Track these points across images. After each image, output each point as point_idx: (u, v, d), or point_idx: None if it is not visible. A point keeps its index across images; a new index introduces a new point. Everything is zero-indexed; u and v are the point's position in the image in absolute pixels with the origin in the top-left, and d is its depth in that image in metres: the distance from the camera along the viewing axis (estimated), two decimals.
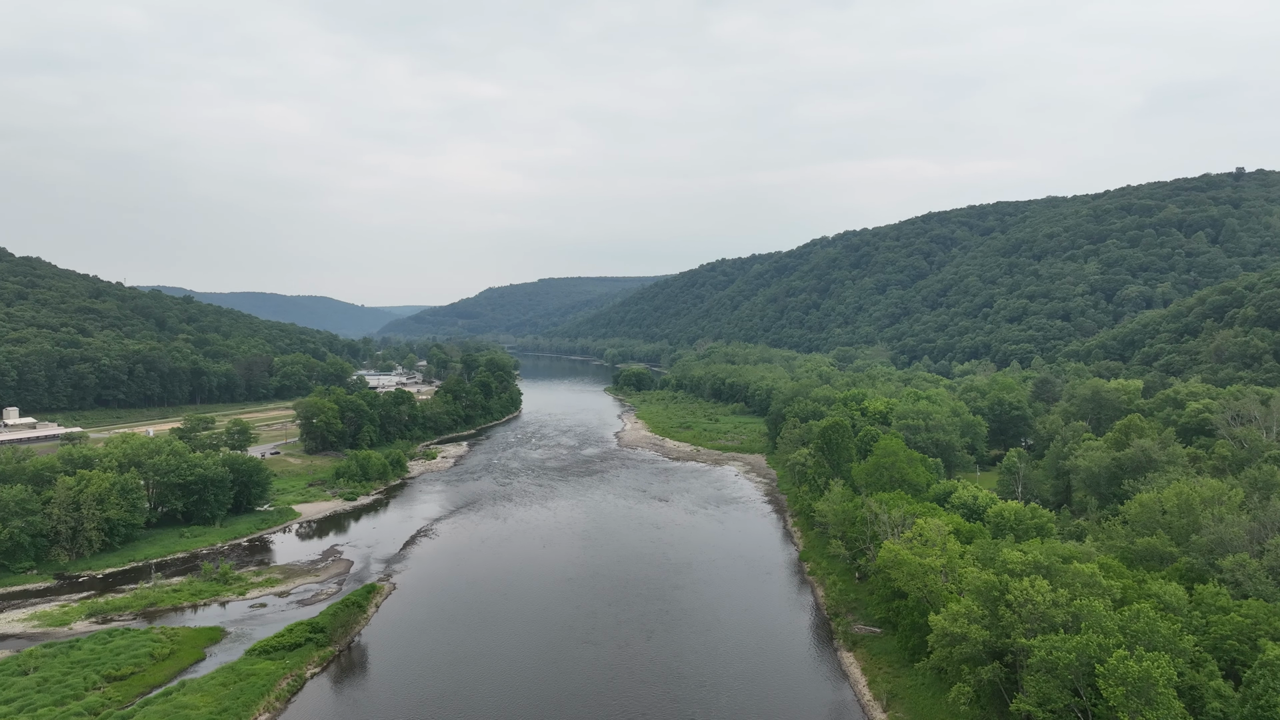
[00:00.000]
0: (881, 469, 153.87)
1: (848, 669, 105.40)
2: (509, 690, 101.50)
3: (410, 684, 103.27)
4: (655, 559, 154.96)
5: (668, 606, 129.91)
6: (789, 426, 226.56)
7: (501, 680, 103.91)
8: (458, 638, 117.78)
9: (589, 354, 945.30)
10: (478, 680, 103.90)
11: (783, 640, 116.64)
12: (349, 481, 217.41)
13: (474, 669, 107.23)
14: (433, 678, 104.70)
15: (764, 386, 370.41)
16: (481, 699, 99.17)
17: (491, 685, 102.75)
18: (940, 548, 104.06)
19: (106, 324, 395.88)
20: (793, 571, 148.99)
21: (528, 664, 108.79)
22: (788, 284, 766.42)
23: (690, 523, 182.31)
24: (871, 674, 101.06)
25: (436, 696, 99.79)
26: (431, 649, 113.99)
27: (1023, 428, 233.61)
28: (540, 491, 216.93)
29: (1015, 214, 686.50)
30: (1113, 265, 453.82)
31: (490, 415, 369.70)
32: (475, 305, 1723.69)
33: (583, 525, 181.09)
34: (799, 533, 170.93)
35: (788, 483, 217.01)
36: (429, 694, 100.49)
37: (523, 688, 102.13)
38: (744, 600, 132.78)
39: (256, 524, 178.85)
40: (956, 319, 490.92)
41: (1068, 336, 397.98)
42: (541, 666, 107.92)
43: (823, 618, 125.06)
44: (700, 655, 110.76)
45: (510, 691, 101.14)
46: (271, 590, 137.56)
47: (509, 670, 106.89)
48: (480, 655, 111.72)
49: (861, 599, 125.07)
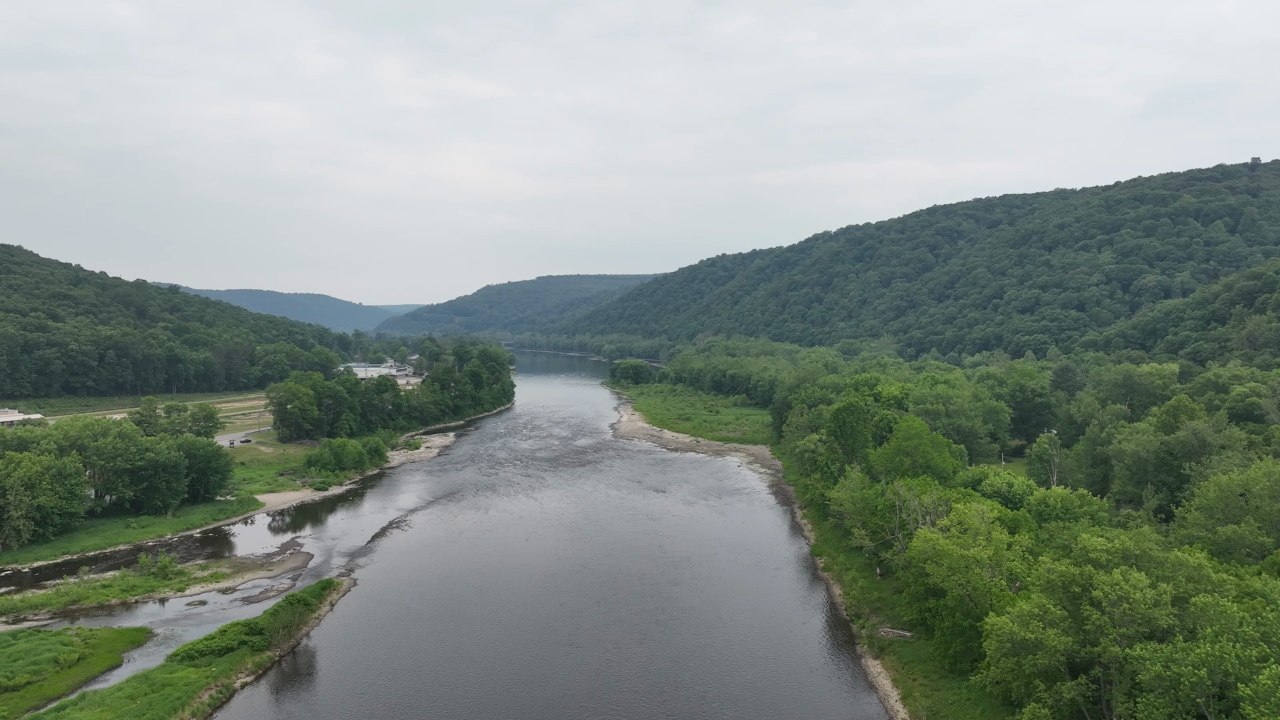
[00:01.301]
0: (903, 454, 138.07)
1: (875, 679, 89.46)
2: (474, 701, 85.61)
3: (359, 693, 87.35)
4: (650, 552, 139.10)
5: (664, 605, 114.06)
6: (795, 413, 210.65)
7: (466, 689, 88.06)
8: (421, 640, 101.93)
9: (587, 350, 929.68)
10: (439, 689, 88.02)
11: (796, 644, 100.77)
12: (321, 470, 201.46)
13: (436, 676, 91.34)
14: (386, 686, 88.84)
15: (767, 378, 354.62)
16: (440, 711, 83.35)
17: (454, 695, 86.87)
18: (985, 537, 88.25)
19: (81, 311, 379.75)
20: (804, 567, 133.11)
21: (499, 670, 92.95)
22: (790, 278, 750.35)
23: (689, 514, 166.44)
24: (905, 686, 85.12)
25: (388, 708, 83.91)
26: (389, 653, 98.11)
27: (1046, 416, 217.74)
28: (527, 482, 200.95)
29: (1023, 206, 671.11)
30: (1128, 255, 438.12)
31: (481, 406, 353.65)
32: (473, 303, 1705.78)
33: (571, 516, 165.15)
34: (809, 525, 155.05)
35: (794, 473, 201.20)
36: (379, 705, 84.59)
37: (490, 698, 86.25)
38: (750, 598, 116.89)
39: (214, 514, 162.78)
40: (965, 311, 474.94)
41: (1083, 327, 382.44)
42: (515, 673, 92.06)
43: (841, 619, 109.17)
44: (701, 661, 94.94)
45: (475, 703, 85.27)
46: (215, 586, 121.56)
47: (477, 677, 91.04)
48: (445, 660, 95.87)
49: (886, 598, 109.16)
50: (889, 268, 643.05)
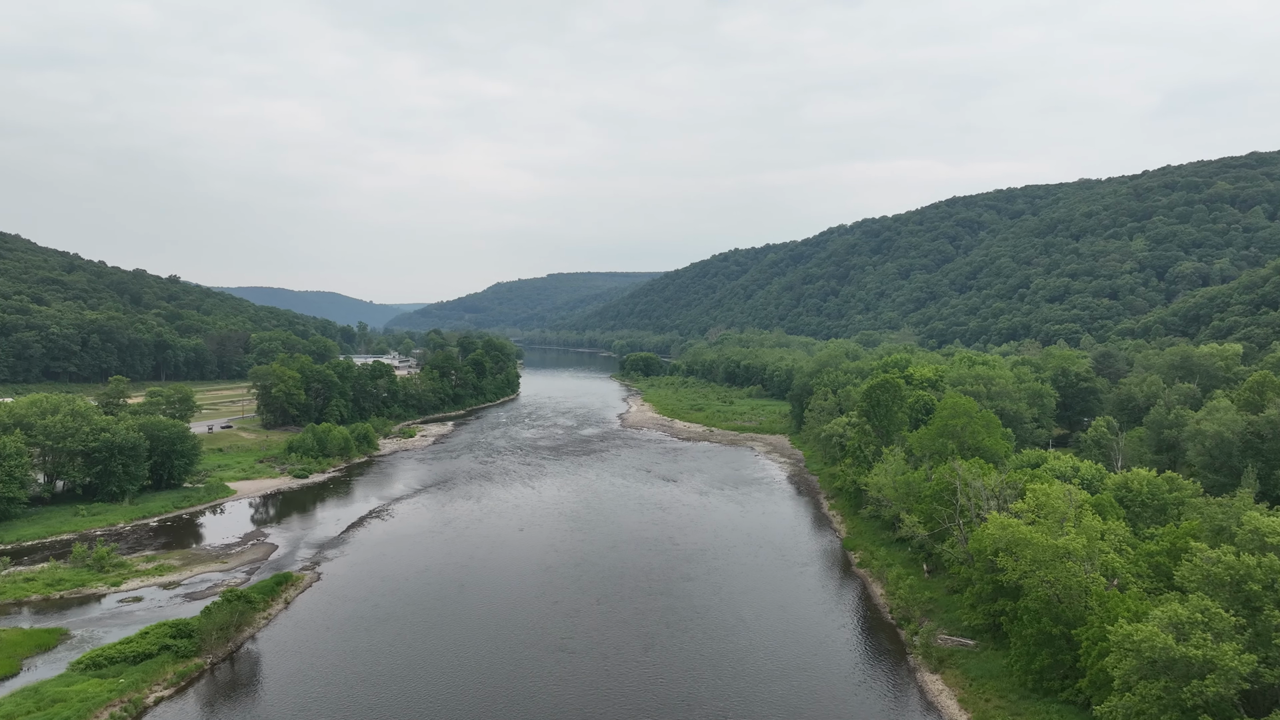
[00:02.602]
0: (947, 435, 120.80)
1: (935, 698, 72.47)
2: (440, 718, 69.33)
3: (299, 709, 71.06)
4: (659, 545, 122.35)
5: (674, 604, 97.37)
6: (818, 397, 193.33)
7: (432, 704, 71.63)
8: (386, 643, 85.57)
9: (597, 346, 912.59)
10: (398, 703, 71.63)
11: (833, 652, 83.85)
12: (302, 457, 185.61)
13: (397, 686, 74.95)
14: (335, 699, 72.50)
15: (783, 367, 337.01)
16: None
17: (416, 711, 70.46)
18: (1074, 523, 71.11)
19: (71, 296, 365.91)
20: (835, 562, 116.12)
21: (475, 680, 76.49)
22: (804, 271, 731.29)
23: (703, 504, 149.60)
24: (976, 708, 68.12)
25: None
26: (345, 658, 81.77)
27: (1091, 402, 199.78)
28: (526, 470, 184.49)
29: (1045, 197, 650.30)
30: (1161, 242, 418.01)
31: (483, 396, 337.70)
32: (482, 300, 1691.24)
33: (571, 506, 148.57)
34: (839, 517, 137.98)
35: (818, 462, 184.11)
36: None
37: (460, 716, 69.94)
38: (775, 597, 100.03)
39: (176, 501, 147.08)
40: (989, 301, 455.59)
41: (1117, 315, 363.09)
42: (494, 684, 75.61)
43: (884, 622, 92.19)
44: (719, 671, 78.21)
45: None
46: (157, 580, 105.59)
47: (446, 689, 74.59)
48: (411, 667, 79.45)
49: (939, 599, 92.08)
50: (907, 259, 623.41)
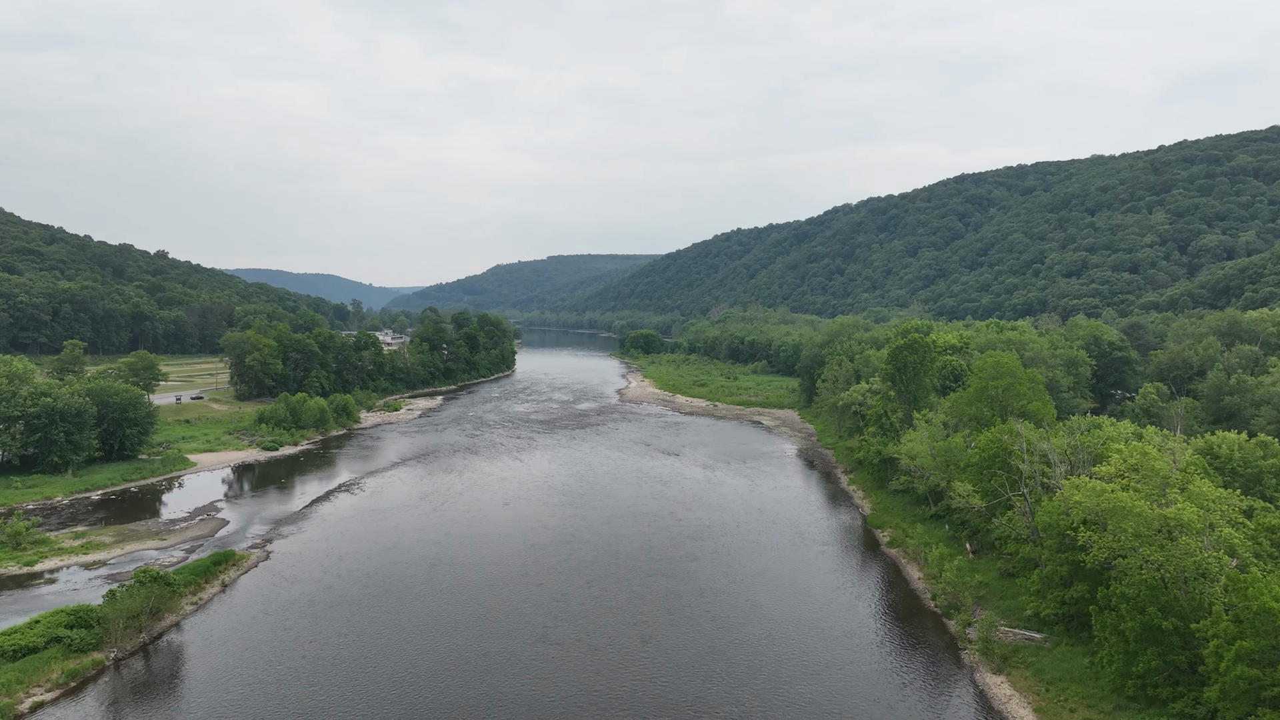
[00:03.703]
0: (985, 400, 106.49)
1: (1004, 705, 58.33)
2: None
3: (216, 716, 57.20)
4: (660, 520, 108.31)
5: (677, 586, 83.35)
6: (832, 366, 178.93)
7: (379, 708, 57.66)
8: (335, 632, 71.61)
9: (597, 327, 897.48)
10: (338, 707, 57.67)
11: (868, 646, 69.81)
12: (274, 429, 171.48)
13: (340, 685, 60.98)
14: (261, 704, 58.54)
15: (790, 342, 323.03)
16: None
17: (360, 716, 56.60)
18: (1178, 489, 56.82)
19: (47, 267, 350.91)
20: (860, 541, 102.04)
21: (436, 677, 62.53)
22: (809, 250, 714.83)
23: (708, 478, 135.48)
24: (1056, 718, 54.00)
25: None
26: (283, 651, 67.82)
27: (1125, 373, 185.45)
28: (515, 444, 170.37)
29: (1057, 173, 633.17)
30: (1183, 215, 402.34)
31: (476, 371, 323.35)
32: (482, 282, 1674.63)
33: (563, 479, 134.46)
34: (860, 492, 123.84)
35: (831, 435, 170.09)
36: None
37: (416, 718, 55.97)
38: (793, 579, 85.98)
39: (126, 474, 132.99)
40: (1002, 277, 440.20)
41: (1138, 289, 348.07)
42: (459, 682, 61.65)
43: (926, 610, 78.08)
44: (732, 667, 64.23)
45: None
46: (81, 559, 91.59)
47: (399, 688, 60.63)
48: (360, 661, 65.49)
49: (991, 583, 77.95)
50: (915, 237, 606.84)
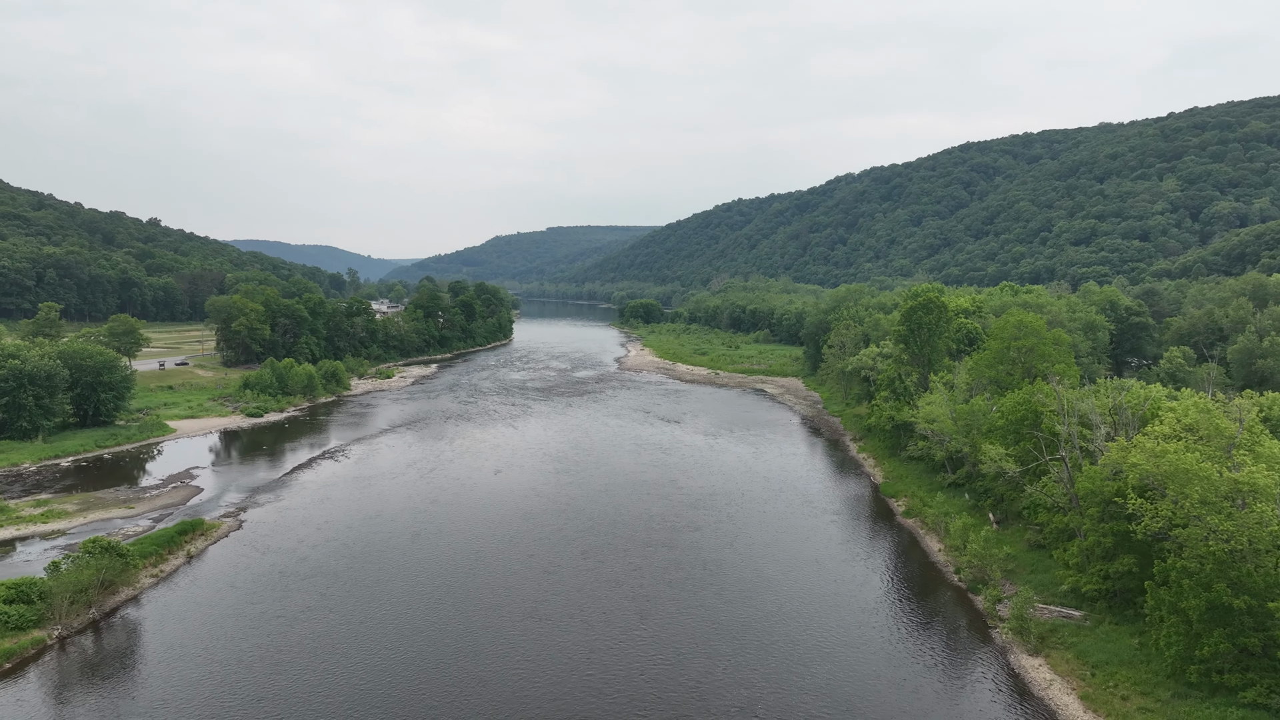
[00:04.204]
0: (1004, 362, 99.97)
1: (1044, 691, 52.27)
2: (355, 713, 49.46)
3: (160, 702, 51.14)
4: (660, 489, 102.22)
5: (679, 557, 77.36)
6: (839, 330, 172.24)
7: (345, 689, 51.69)
8: (304, 606, 65.61)
9: (596, 298, 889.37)
10: (299, 689, 51.71)
11: (887, 624, 63.82)
12: (259, 395, 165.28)
13: (304, 665, 55.00)
14: (215, 686, 52.56)
15: (793, 310, 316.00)
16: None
17: (319, 700, 50.53)
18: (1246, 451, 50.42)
19: (34, 232, 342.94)
20: (874, 510, 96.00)
21: (410, 656, 56.53)
22: (811, 220, 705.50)
23: (710, 446, 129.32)
24: (1110, 708, 48.01)
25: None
26: (246, 627, 61.83)
27: (1142, 339, 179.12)
28: (510, 411, 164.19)
29: (1064, 141, 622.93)
30: (1195, 182, 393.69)
31: (472, 340, 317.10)
32: (480, 254, 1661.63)
33: (558, 447, 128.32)
34: (871, 460, 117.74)
35: (838, 402, 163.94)
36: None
37: (385, 707, 50.03)
38: (804, 551, 79.96)
39: (100, 440, 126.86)
40: (1008, 245, 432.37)
41: (1149, 257, 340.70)
42: (436, 660, 55.66)
43: (950, 584, 72.06)
44: (740, 645, 58.26)
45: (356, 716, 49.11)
46: (40, 528, 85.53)
47: (370, 668, 54.61)
48: (329, 638, 59.49)
49: (1019, 555, 71.89)
50: (919, 206, 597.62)
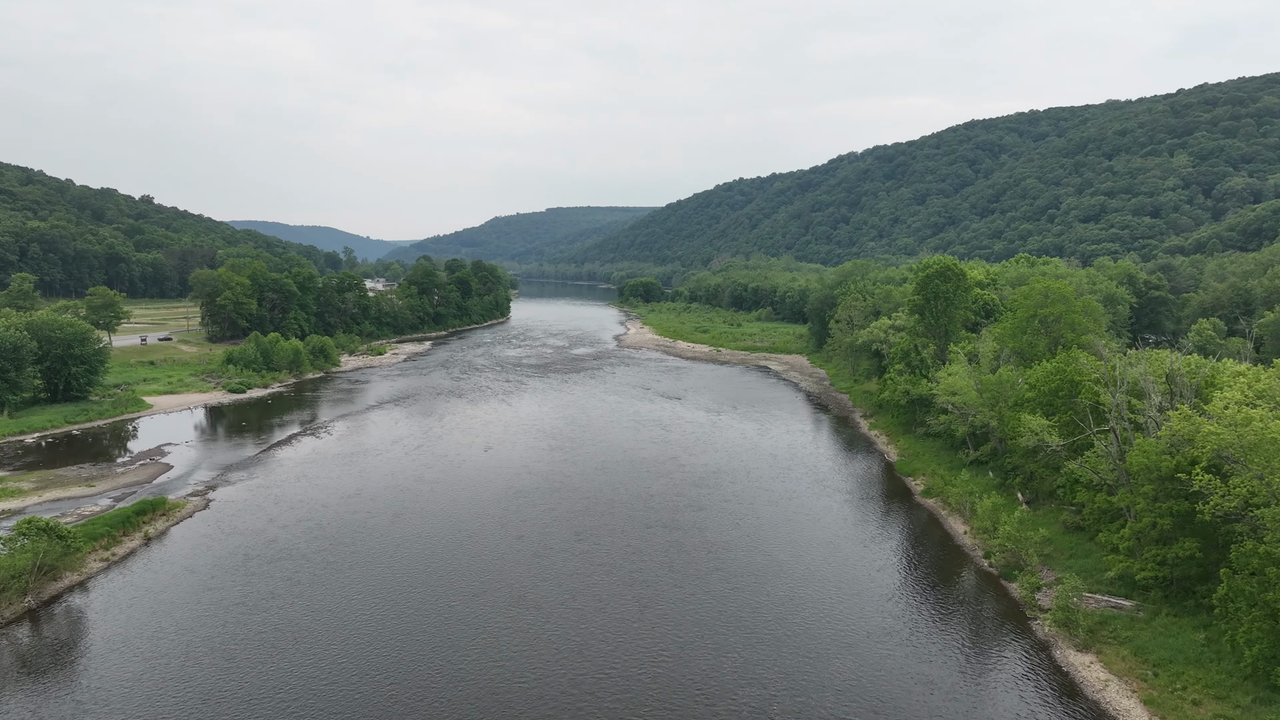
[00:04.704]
0: (1027, 332, 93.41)
1: (1099, 694, 45.94)
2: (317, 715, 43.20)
3: (96, 702, 44.91)
4: (661, 466, 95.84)
5: (682, 539, 71.05)
6: (846, 305, 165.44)
7: (307, 687, 45.41)
8: (268, 593, 59.32)
9: (596, 279, 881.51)
10: (256, 688, 45.44)
11: (912, 613, 57.47)
12: (243, 370, 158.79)
13: (264, 660, 48.72)
14: (159, 684, 46.31)
15: (796, 288, 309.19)
16: None
17: (277, 701, 44.25)
18: None
19: (20, 208, 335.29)
20: (889, 490, 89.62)
21: (381, 649, 50.22)
22: (813, 199, 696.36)
23: (713, 423, 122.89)
24: (1181, 714, 41.71)
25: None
26: (201, 616, 55.55)
27: (1161, 314, 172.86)
28: (504, 387, 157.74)
29: (1071, 118, 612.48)
30: (1207, 158, 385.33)
31: (468, 317, 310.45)
32: (479, 234, 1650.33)
33: (553, 423, 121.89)
34: (884, 437, 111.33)
35: (845, 379, 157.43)
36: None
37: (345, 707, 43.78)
38: (816, 533, 73.64)
39: (70, 416, 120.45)
40: (1015, 223, 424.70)
41: (1160, 234, 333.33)
42: (409, 655, 49.35)
43: (978, 570, 65.73)
44: (752, 638, 51.96)
45: None
46: None
47: (336, 662, 48.32)
48: (294, 628, 53.19)
49: (1055, 538, 65.54)
50: (923, 184, 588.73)
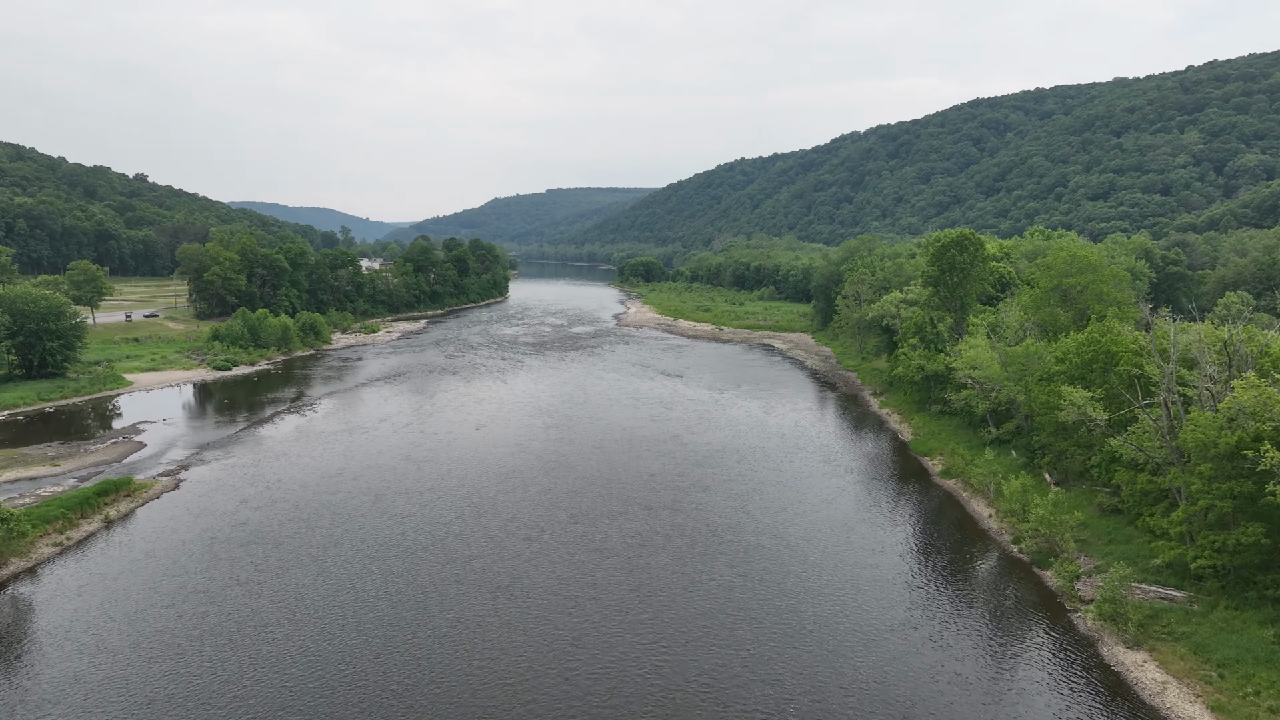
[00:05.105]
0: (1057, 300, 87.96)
1: (1158, 697, 40.71)
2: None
3: (34, 701, 39.78)
4: (662, 445, 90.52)
5: (685, 522, 65.83)
6: (855, 280, 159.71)
7: (270, 686, 40.27)
8: (233, 580, 54.08)
9: (596, 260, 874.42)
10: (212, 687, 40.29)
11: (940, 605, 52.25)
12: (229, 347, 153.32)
13: (221, 656, 43.54)
14: (106, 684, 41.14)
15: (800, 267, 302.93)
16: None
17: (234, 701, 39.22)
18: None
19: (8, 184, 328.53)
20: (903, 470, 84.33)
21: (351, 644, 45.04)
22: (815, 179, 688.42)
23: (717, 400, 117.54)
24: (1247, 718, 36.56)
25: None
26: (158, 605, 50.33)
27: (1180, 289, 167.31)
28: (499, 365, 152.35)
29: (1078, 96, 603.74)
30: (1218, 134, 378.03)
31: (465, 296, 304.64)
32: (479, 215, 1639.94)
33: (548, 400, 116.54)
34: (896, 415, 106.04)
35: (852, 356, 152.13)
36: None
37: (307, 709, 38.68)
38: (828, 515, 68.39)
39: (43, 393, 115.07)
40: (1021, 202, 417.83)
41: (1171, 211, 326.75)
42: (381, 653, 44.18)
43: (1007, 556, 60.50)
44: (763, 631, 46.71)
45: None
46: None
47: (299, 660, 43.15)
48: (258, 620, 47.99)
49: (1091, 522, 60.30)
50: (927, 163, 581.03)
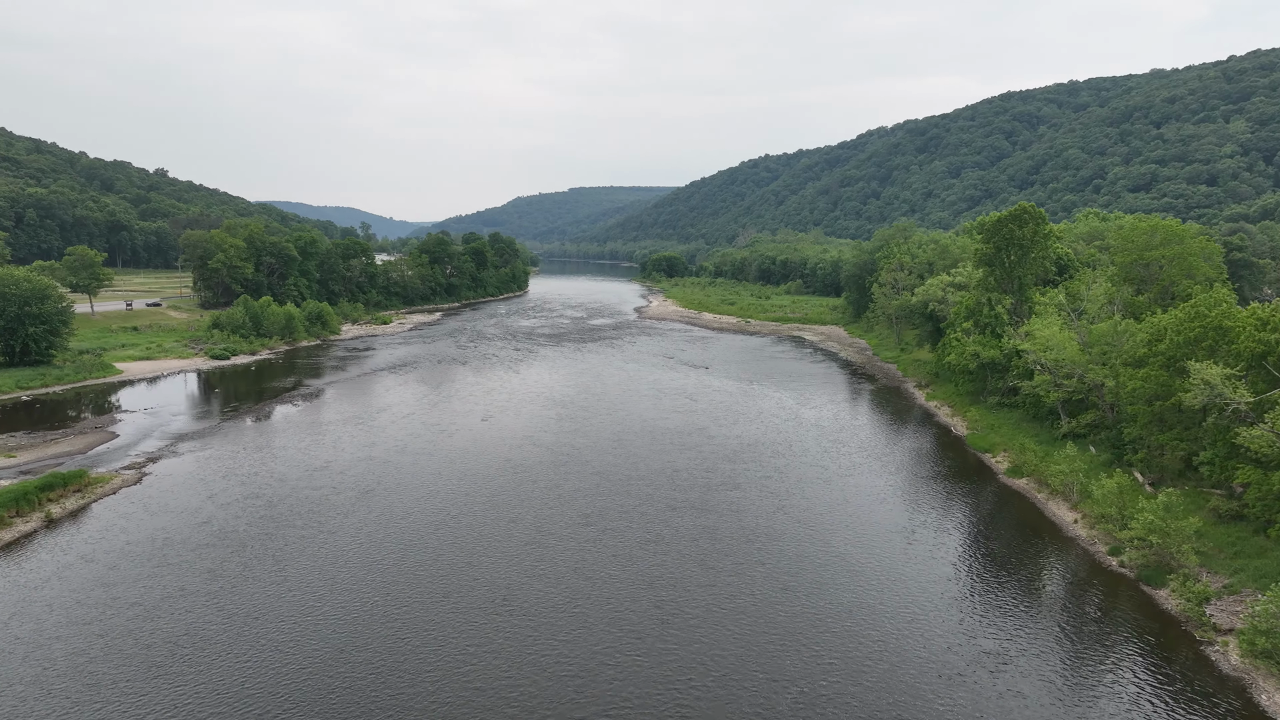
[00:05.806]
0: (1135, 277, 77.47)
1: None
2: None
3: None
4: (687, 438, 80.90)
5: (715, 525, 56.20)
6: (891, 269, 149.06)
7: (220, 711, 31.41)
8: (181, 588, 45.16)
9: (618, 258, 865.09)
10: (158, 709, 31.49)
11: (1032, 634, 42.31)
12: (230, 336, 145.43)
13: (145, 689, 34.58)
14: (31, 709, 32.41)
15: (828, 260, 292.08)
16: None
17: None
18: None
19: (24, 175, 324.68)
20: (962, 467, 74.11)
21: (311, 674, 35.90)
22: (842, 174, 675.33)
23: (746, 392, 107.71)
24: None
25: None
26: (86, 619, 41.51)
27: (1245, 276, 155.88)
28: (513, 355, 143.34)
29: (1114, 88, 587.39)
30: (1266, 123, 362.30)
31: (483, 289, 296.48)
32: (501, 214, 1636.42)
33: (563, 391, 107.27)
34: (946, 408, 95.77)
35: (890, 348, 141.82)
36: None
37: None
38: (883, 519, 58.46)
39: (23, 381, 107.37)
40: (1058, 195, 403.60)
41: (1218, 202, 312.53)
42: (345, 684, 35.02)
43: (1104, 571, 50.36)
44: (814, 662, 36.99)
45: None
46: None
47: (245, 693, 34.07)
48: (201, 640, 38.96)
49: (1209, 534, 50.05)
50: (958, 158, 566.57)
